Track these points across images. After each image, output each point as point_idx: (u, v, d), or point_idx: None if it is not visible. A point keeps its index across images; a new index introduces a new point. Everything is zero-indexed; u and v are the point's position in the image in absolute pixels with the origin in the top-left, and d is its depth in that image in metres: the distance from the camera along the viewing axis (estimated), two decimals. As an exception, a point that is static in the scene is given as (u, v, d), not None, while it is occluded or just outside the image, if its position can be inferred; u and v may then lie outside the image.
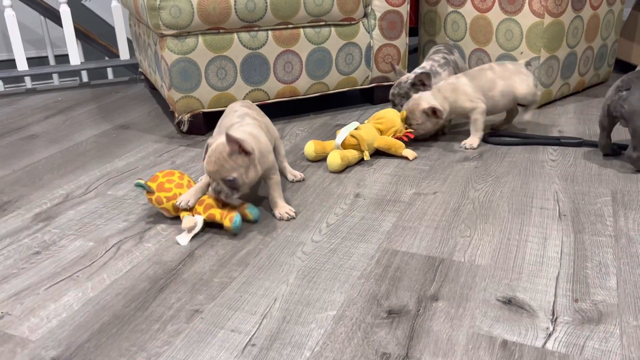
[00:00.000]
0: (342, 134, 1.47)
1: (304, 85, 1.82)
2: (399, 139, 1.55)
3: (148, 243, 1.14)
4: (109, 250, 1.12)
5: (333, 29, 1.79)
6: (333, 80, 1.86)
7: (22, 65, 2.26)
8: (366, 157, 1.47)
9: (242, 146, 1.09)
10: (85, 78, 3.08)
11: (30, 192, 1.39)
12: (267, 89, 1.77)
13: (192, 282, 1.01)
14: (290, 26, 1.73)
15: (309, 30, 1.76)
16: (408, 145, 1.56)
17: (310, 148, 1.50)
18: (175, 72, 1.63)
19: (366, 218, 1.22)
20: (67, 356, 0.84)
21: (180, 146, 1.66)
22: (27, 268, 1.07)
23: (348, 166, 1.47)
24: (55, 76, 2.94)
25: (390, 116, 1.56)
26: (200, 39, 1.63)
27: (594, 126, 1.74)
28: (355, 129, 1.48)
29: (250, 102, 1.39)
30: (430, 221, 1.20)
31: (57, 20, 2.95)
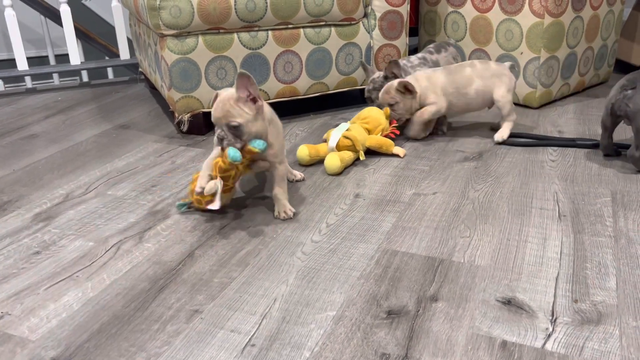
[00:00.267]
0: (335, 136, 1.46)
1: (304, 85, 1.82)
2: (386, 136, 1.56)
3: (148, 243, 1.14)
4: (109, 250, 1.12)
5: (333, 29, 1.79)
6: (333, 81, 1.86)
7: (22, 65, 2.26)
8: (362, 157, 1.47)
9: (250, 93, 1.10)
10: (85, 78, 3.08)
11: (30, 192, 1.39)
12: (267, 89, 1.77)
13: (191, 282, 1.01)
14: (290, 26, 1.73)
15: (309, 30, 1.76)
16: (396, 143, 1.59)
17: (304, 152, 1.48)
18: (175, 72, 1.63)
19: (366, 218, 1.22)
20: (66, 356, 0.84)
21: (180, 146, 1.66)
22: (27, 268, 1.07)
23: (345, 167, 1.47)
24: (55, 76, 2.94)
25: (375, 115, 1.56)
26: (201, 39, 1.63)
27: (594, 126, 1.74)
28: (346, 130, 1.48)
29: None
30: (430, 221, 1.20)
31: (57, 20, 2.96)
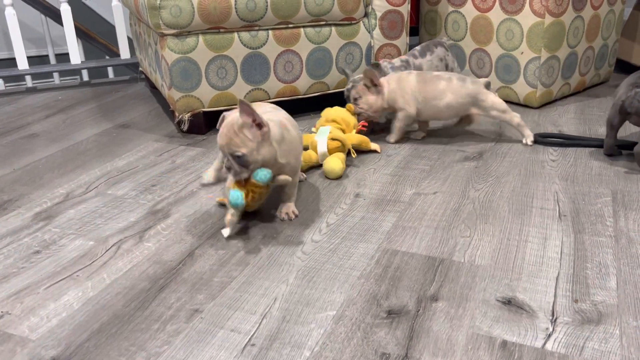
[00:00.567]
0: (322, 141, 1.43)
1: (304, 85, 1.82)
2: (359, 132, 1.56)
3: (148, 242, 1.14)
4: (109, 249, 1.12)
5: (333, 28, 1.79)
6: (333, 80, 1.86)
7: (22, 64, 2.26)
8: (354, 154, 1.47)
9: (255, 118, 1.04)
10: (85, 77, 3.08)
11: (30, 191, 1.39)
12: (268, 89, 1.77)
13: (192, 282, 1.01)
14: (290, 26, 1.73)
15: (309, 29, 1.76)
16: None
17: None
18: (175, 71, 1.63)
19: (366, 218, 1.22)
20: (66, 355, 0.84)
21: (181, 145, 1.66)
22: (27, 267, 1.07)
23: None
24: (55, 75, 2.94)
25: (342, 115, 1.54)
26: (201, 38, 1.63)
27: (594, 126, 1.74)
28: (329, 132, 1.46)
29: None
30: (430, 221, 1.20)
31: (57, 19, 2.95)
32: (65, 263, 1.08)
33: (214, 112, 1.74)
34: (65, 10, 2.28)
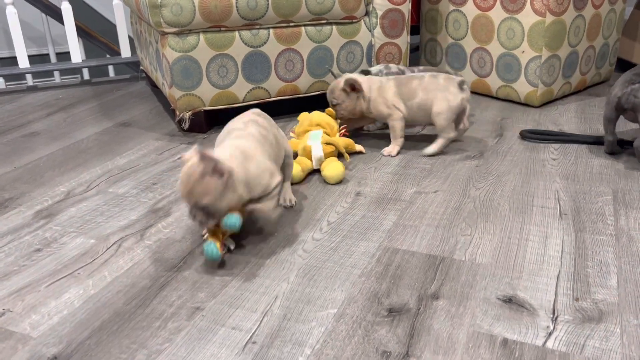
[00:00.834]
0: (317, 146, 1.41)
1: (305, 84, 1.82)
2: (342, 136, 1.56)
3: (149, 241, 1.14)
4: (110, 247, 1.12)
5: (334, 27, 1.79)
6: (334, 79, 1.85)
7: (23, 63, 2.26)
8: (347, 158, 1.44)
9: (214, 166, 0.95)
10: (86, 76, 3.08)
11: (31, 190, 1.39)
12: (268, 87, 1.77)
13: (193, 280, 1.01)
14: (291, 24, 1.73)
15: (310, 28, 1.76)
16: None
17: (297, 169, 1.37)
18: (176, 70, 1.63)
19: (367, 216, 1.22)
20: (67, 353, 0.84)
21: (182, 144, 1.66)
22: (28, 265, 1.07)
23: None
24: (56, 74, 2.94)
25: (327, 119, 1.51)
26: (202, 37, 1.63)
27: (595, 125, 1.74)
28: (321, 137, 1.44)
29: (260, 111, 1.22)
30: (431, 220, 1.20)
31: (58, 18, 2.95)
32: (66, 261, 1.08)
33: (215, 111, 1.74)
34: (66, 9, 2.28)
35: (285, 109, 1.94)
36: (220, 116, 1.86)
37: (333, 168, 1.38)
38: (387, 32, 1.88)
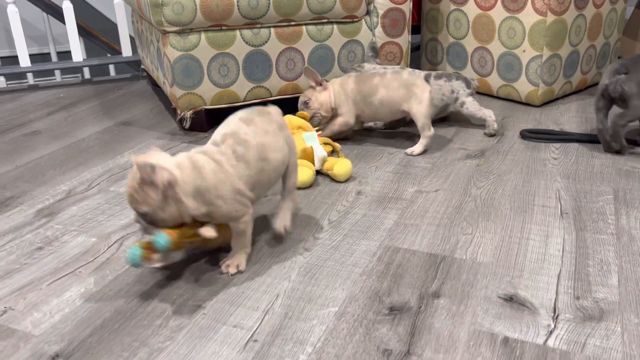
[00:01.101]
0: (318, 147, 1.40)
1: (306, 83, 1.82)
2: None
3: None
4: (112, 246, 1.12)
5: (335, 26, 1.79)
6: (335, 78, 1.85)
7: (24, 62, 2.26)
8: (342, 156, 1.44)
9: (152, 177, 0.88)
10: (87, 75, 3.08)
11: (32, 188, 1.39)
12: (269, 86, 1.77)
13: (194, 278, 1.01)
14: (292, 23, 1.73)
15: (311, 27, 1.76)
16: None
17: (309, 174, 1.35)
18: (177, 69, 1.63)
19: (368, 215, 1.22)
20: (69, 351, 0.84)
21: (183, 143, 1.66)
22: (30, 263, 1.07)
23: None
24: (57, 73, 2.94)
25: (303, 122, 1.50)
26: (203, 35, 1.63)
27: (596, 124, 1.73)
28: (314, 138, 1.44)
29: (264, 110, 1.09)
30: (432, 219, 1.20)
31: (59, 17, 2.96)
32: (68, 259, 1.08)
33: (216, 110, 1.74)
34: (67, 8, 2.29)
35: (286, 108, 1.94)
36: (221, 115, 1.86)
37: (343, 165, 1.38)
38: (388, 32, 1.88)
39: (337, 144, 1.47)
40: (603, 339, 0.84)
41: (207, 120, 1.73)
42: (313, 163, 1.39)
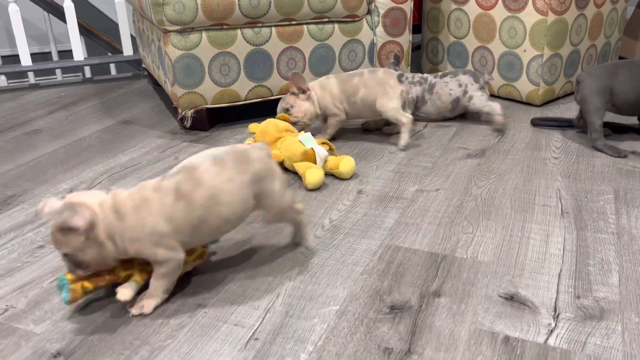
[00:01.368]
0: (318, 147, 1.40)
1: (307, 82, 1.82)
2: None
3: (151, 238, 1.14)
4: (113, 244, 1.12)
5: (336, 25, 1.79)
6: (336, 77, 1.86)
7: (25, 61, 2.27)
8: (337, 154, 1.45)
9: (68, 220, 0.83)
10: (88, 74, 3.09)
11: (34, 187, 1.39)
12: (270, 86, 1.77)
13: (195, 277, 1.01)
14: (293, 22, 1.73)
15: (312, 26, 1.76)
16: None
17: (319, 176, 1.34)
18: (178, 68, 1.63)
19: (369, 214, 1.22)
20: (71, 349, 0.84)
21: (184, 142, 1.66)
22: (31, 262, 1.07)
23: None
24: (58, 71, 2.95)
25: (288, 125, 1.49)
26: (204, 35, 1.63)
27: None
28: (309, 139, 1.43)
29: (246, 151, 0.96)
30: (432, 218, 1.20)
31: (60, 16, 2.96)
32: (69, 258, 1.08)
33: (217, 109, 1.75)
34: (69, 7, 2.29)
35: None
36: (222, 114, 1.86)
37: (347, 163, 1.39)
38: (389, 31, 1.88)
39: (331, 143, 1.47)
40: (603, 338, 0.84)
41: (208, 120, 1.73)
42: (315, 164, 1.39)
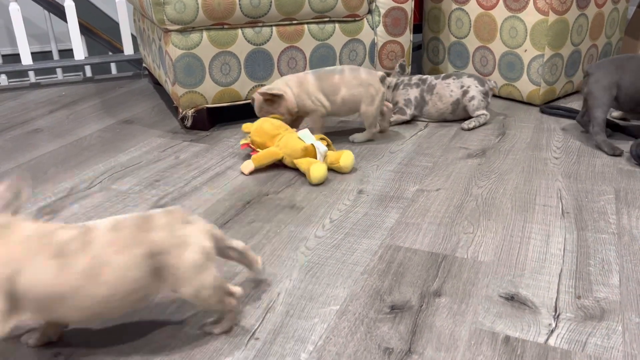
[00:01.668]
0: (317, 142, 1.41)
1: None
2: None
3: (152, 237, 1.14)
4: (113, 244, 1.12)
5: (337, 25, 1.79)
6: (337, 77, 1.86)
7: (26, 60, 2.27)
8: (333, 149, 1.47)
9: None
10: (88, 73, 3.09)
11: (34, 186, 1.39)
12: (271, 85, 1.77)
13: (195, 276, 1.01)
14: (294, 22, 1.73)
15: (313, 26, 1.76)
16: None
17: (323, 172, 1.36)
18: (179, 67, 1.63)
19: (369, 214, 1.22)
20: (71, 349, 0.84)
21: (184, 141, 1.66)
22: (32, 261, 1.07)
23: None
24: (59, 71, 2.94)
25: (282, 123, 1.49)
26: (205, 34, 1.63)
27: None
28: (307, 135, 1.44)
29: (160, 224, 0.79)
30: (433, 218, 1.20)
31: (61, 15, 2.96)
32: (70, 257, 1.08)
33: (218, 108, 1.75)
34: (69, 6, 2.29)
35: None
36: (222, 113, 1.86)
37: (347, 157, 1.41)
38: (389, 31, 1.88)
39: (328, 138, 1.48)
40: (604, 338, 0.84)
41: (208, 119, 1.73)
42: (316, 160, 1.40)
